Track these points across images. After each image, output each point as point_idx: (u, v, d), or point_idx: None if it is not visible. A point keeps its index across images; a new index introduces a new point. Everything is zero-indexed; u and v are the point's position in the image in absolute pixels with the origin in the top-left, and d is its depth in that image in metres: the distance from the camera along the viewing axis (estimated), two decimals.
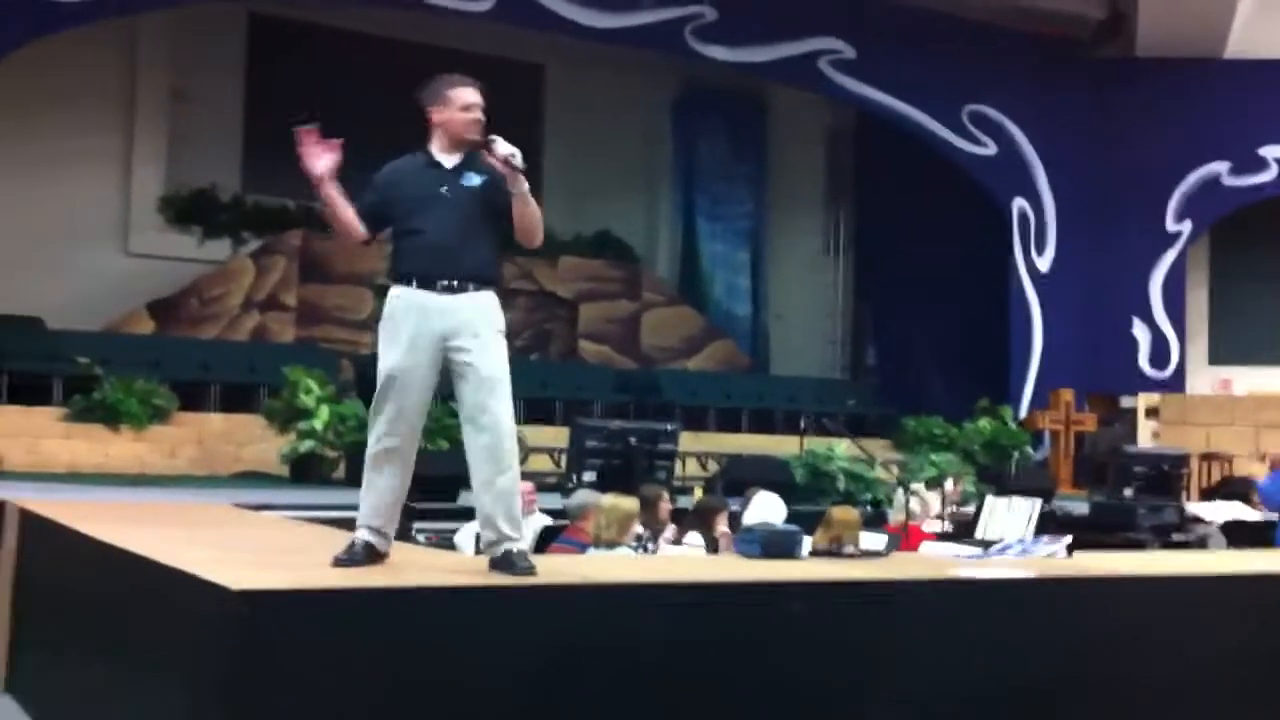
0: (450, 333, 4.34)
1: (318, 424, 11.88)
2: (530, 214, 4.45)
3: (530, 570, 4.25)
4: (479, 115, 4.47)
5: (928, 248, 18.67)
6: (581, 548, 6.75)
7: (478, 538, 7.75)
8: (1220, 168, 18.05)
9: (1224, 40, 17.82)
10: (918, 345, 18.57)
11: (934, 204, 18.46)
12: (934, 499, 9.40)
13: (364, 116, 17.26)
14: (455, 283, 4.36)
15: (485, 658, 3.90)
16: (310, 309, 16.52)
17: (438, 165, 4.48)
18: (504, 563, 4.29)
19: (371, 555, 4.38)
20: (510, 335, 4.60)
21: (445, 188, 4.42)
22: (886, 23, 17.30)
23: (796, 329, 21.07)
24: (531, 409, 15.29)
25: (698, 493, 9.95)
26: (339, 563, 4.32)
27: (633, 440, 9.66)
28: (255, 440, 13.17)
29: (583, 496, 7.22)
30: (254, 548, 5.42)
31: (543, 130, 19.89)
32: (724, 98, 20.33)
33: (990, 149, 18.01)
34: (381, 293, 4.67)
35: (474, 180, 4.44)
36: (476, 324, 4.36)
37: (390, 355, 4.35)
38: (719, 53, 16.64)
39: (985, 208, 18.12)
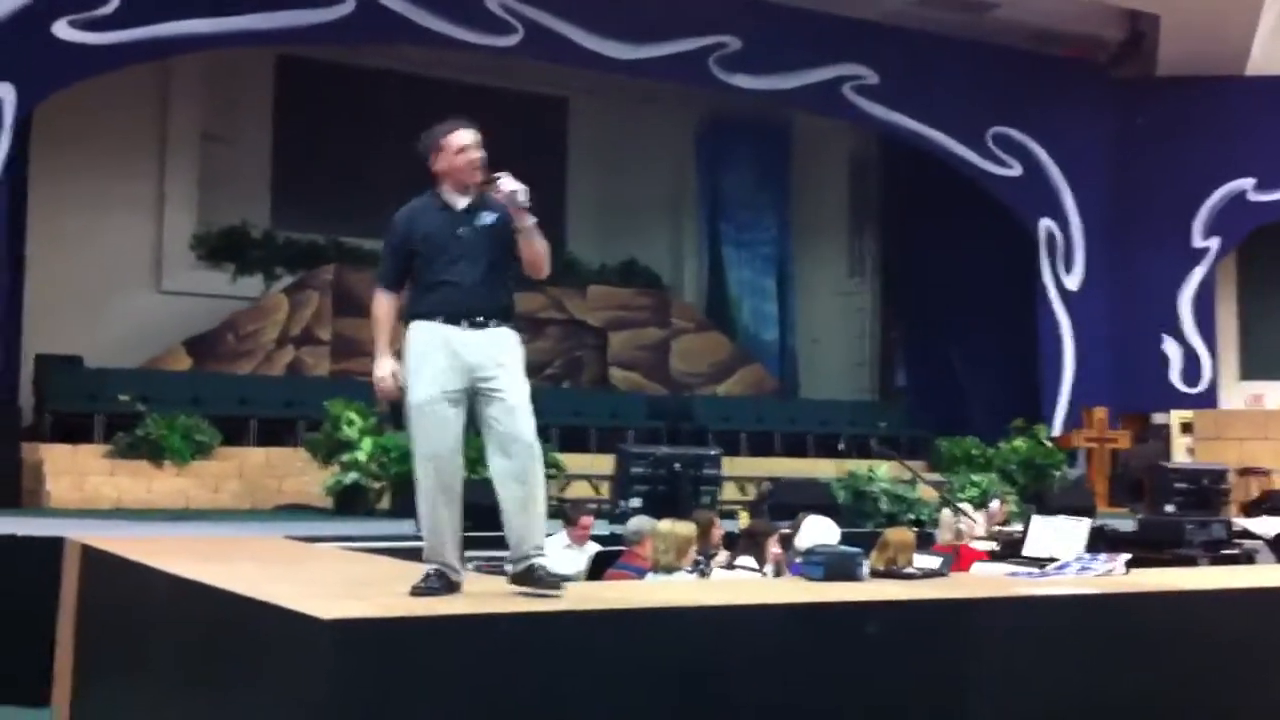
0: (478, 365, 4.48)
1: (361, 455, 11.97)
2: (537, 248, 4.59)
3: (555, 586, 4.35)
4: (476, 155, 4.59)
5: (955, 269, 18.75)
6: (639, 573, 6.80)
7: None
8: (1245, 184, 18.11)
9: (1245, 57, 17.89)
10: (948, 366, 18.63)
11: (960, 226, 18.55)
12: (980, 518, 9.43)
13: (391, 153, 17.58)
14: (480, 319, 4.51)
15: (570, 682, 3.96)
16: (344, 342, 16.65)
17: (451, 209, 4.61)
18: (530, 577, 4.38)
19: (447, 584, 4.47)
20: (541, 364, 4.81)
21: (461, 229, 4.56)
22: (909, 48, 17.44)
23: (825, 352, 21.15)
24: (566, 437, 15.41)
25: (743, 516, 10.00)
26: (418, 592, 4.40)
27: (677, 466, 9.74)
28: (296, 473, 13.30)
29: (638, 522, 7.29)
30: (328, 578, 5.48)
31: (568, 162, 20.08)
32: (748, 125, 20.47)
33: (1015, 170, 18.09)
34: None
35: (488, 219, 4.58)
36: (502, 356, 4.52)
37: (420, 389, 4.46)
38: (743, 81, 16.75)
39: (1011, 228, 18.19)
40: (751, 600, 4.65)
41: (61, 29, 12.96)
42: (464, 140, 4.58)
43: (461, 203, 4.61)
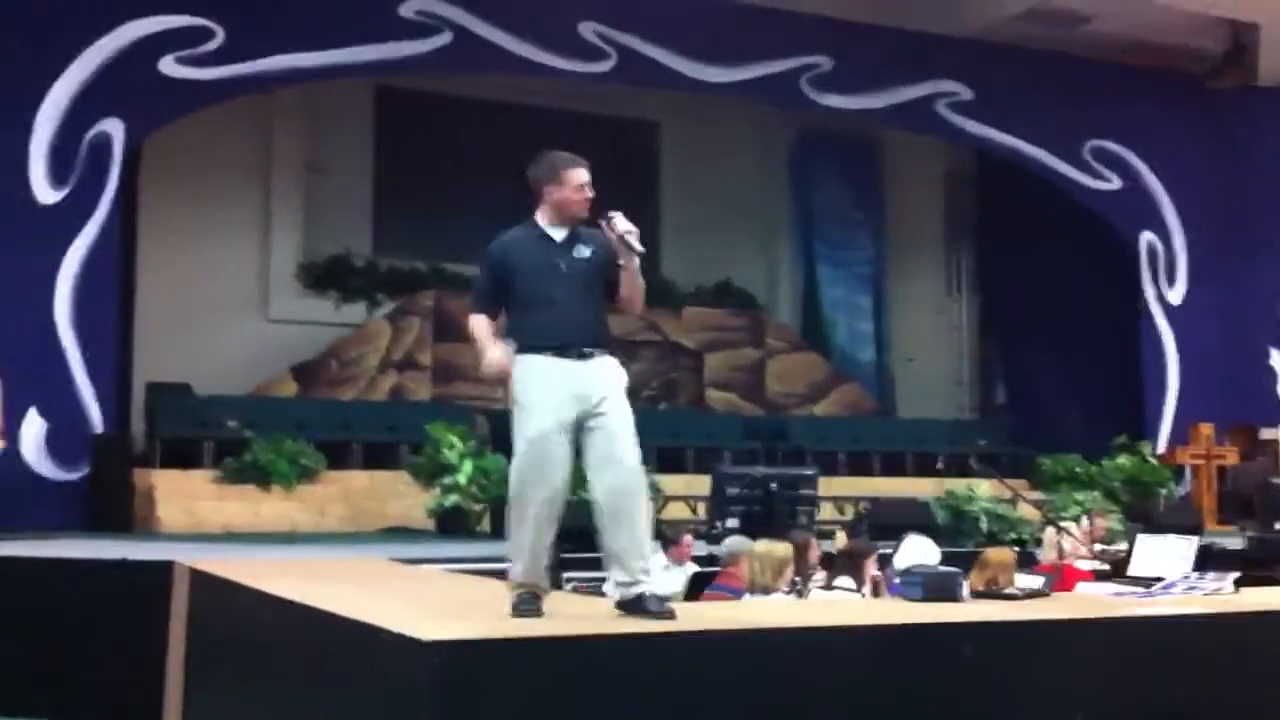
0: (588, 396, 4.57)
1: (462, 478, 12.14)
2: (638, 286, 4.73)
3: (667, 613, 4.40)
4: (589, 195, 4.73)
5: (1054, 284, 18.52)
6: (735, 594, 6.84)
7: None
8: None
9: None
10: (1048, 383, 18.39)
11: (1058, 240, 18.33)
12: (1083, 536, 9.33)
13: (488, 179, 17.88)
14: (587, 350, 4.62)
15: (668, 703, 3.99)
16: (445, 367, 16.88)
17: (550, 240, 4.72)
18: (638, 605, 4.44)
19: (540, 607, 4.55)
20: (638, 386, 4.89)
21: (562, 263, 4.67)
22: (1003, 63, 17.32)
23: (923, 371, 20.98)
24: (663, 458, 15.45)
25: (840, 537, 9.99)
26: (520, 614, 4.48)
27: (774, 486, 9.81)
28: (399, 496, 13.49)
29: (734, 543, 7.35)
30: (429, 600, 5.59)
31: (660, 185, 20.19)
32: (840, 143, 20.43)
33: (1114, 184, 17.87)
34: None
35: (585, 252, 4.69)
36: (608, 385, 4.62)
37: (535, 421, 4.54)
38: (835, 101, 16.75)
39: (1111, 242, 17.96)
40: (848, 621, 4.66)
41: (168, 65, 13.33)
42: (584, 178, 4.72)
43: (560, 235, 4.71)
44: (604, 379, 4.62)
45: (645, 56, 15.63)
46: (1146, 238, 17.94)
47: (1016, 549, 9.83)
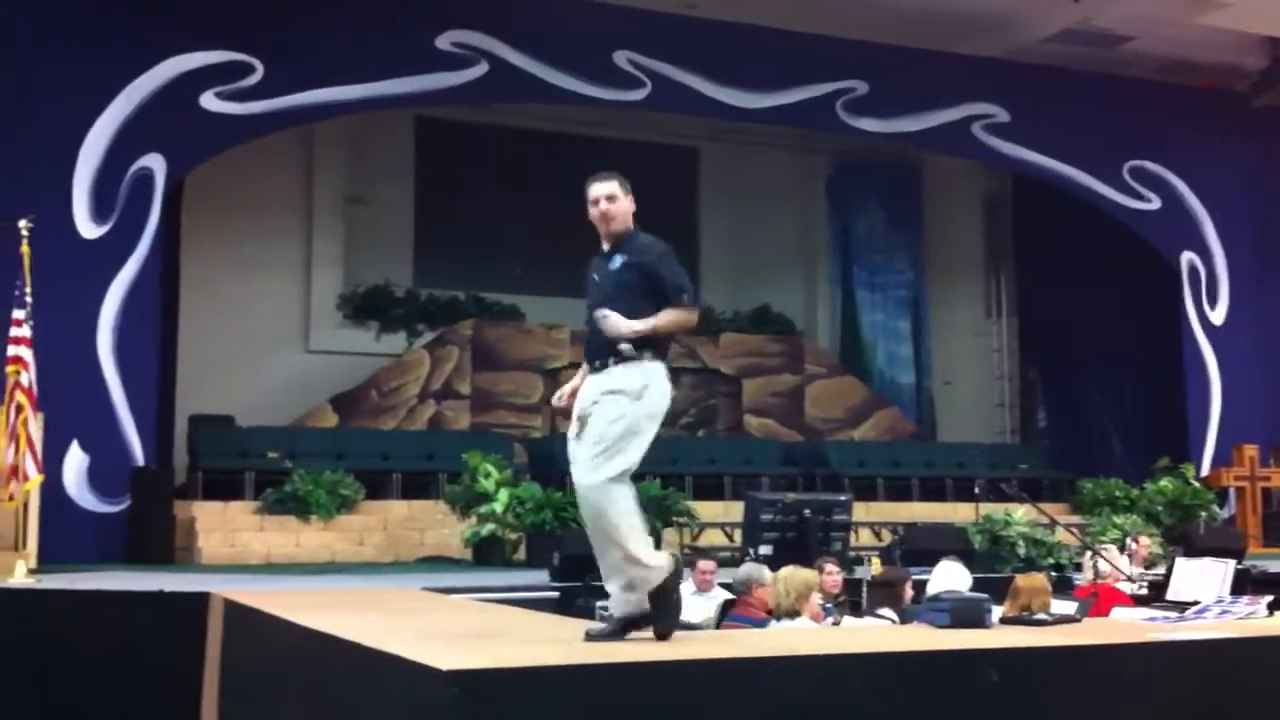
0: (583, 408, 4.70)
1: (497, 507, 12.18)
2: (675, 326, 4.75)
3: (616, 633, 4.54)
4: (594, 211, 4.82)
5: (1094, 306, 18.42)
6: (753, 624, 6.77)
7: None
8: None
9: None
10: (1090, 406, 18.24)
11: (1098, 262, 18.23)
12: (1123, 561, 9.25)
13: (526, 208, 17.98)
14: (601, 362, 4.68)
15: None
16: (484, 396, 16.96)
17: (600, 253, 4.89)
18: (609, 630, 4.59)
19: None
20: (676, 413, 4.88)
21: (596, 274, 4.84)
22: (1039, 85, 17.27)
23: (963, 394, 20.88)
24: (700, 485, 15.47)
25: (875, 563, 9.93)
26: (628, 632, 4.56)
27: (807, 512, 9.77)
28: (437, 525, 13.58)
29: (747, 571, 7.25)
30: (453, 629, 5.61)
31: (699, 211, 20.25)
32: (878, 168, 20.45)
33: (1154, 204, 17.75)
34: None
35: (616, 263, 4.80)
36: (596, 394, 4.70)
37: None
38: (871, 125, 16.75)
39: (1152, 263, 17.83)
40: (870, 648, 4.64)
41: (209, 100, 13.53)
42: (591, 194, 4.84)
43: (606, 247, 4.87)
44: (595, 389, 4.65)
45: (679, 84, 15.71)
46: (1188, 257, 17.80)
47: (1053, 574, 9.77)
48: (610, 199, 4.79)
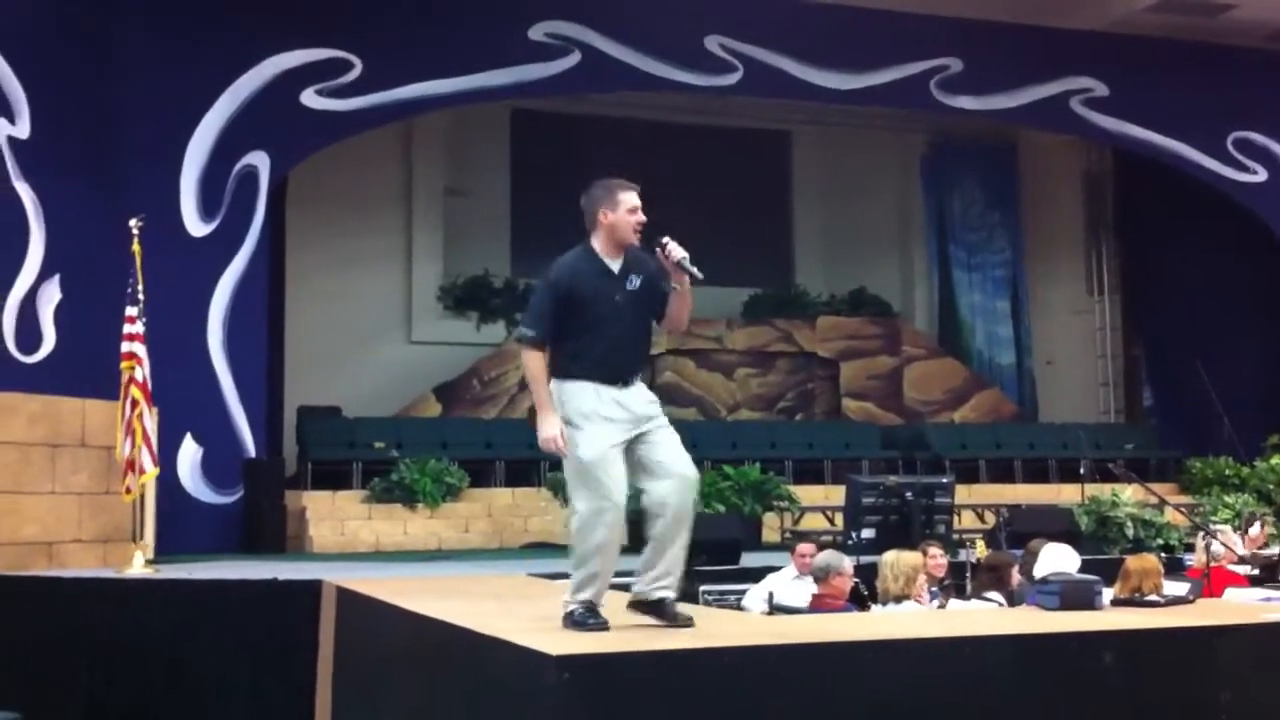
0: (637, 416, 4.76)
1: None
2: (687, 307, 4.89)
3: (689, 622, 4.68)
4: (642, 218, 4.83)
5: (1199, 280, 18.06)
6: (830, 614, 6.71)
7: (770, 596, 7.93)
8: None
9: None
10: (1197, 383, 17.87)
11: (1202, 235, 17.86)
12: (1236, 541, 9.09)
13: None
14: (633, 378, 4.81)
15: (793, 715, 4.05)
16: None
17: (609, 272, 4.84)
18: (659, 608, 4.76)
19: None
20: (773, 398, 4.94)
21: (618, 295, 4.81)
22: (1138, 56, 16.92)
23: (1065, 374, 20.56)
24: (799, 469, 15.46)
25: (980, 546, 9.87)
26: (587, 627, 4.62)
27: (909, 495, 9.72)
28: (539, 512, 13.77)
29: (826, 559, 7.19)
30: (561, 615, 5.69)
31: (792, 195, 20.15)
32: (973, 146, 20.21)
33: (1260, 175, 17.34)
34: None
35: (635, 284, 4.84)
36: (654, 404, 4.85)
37: (594, 445, 4.70)
38: (967, 103, 16.56)
39: (1257, 235, 17.39)
40: (979, 631, 4.65)
41: (309, 98, 13.77)
42: (635, 201, 4.84)
43: (615, 265, 4.84)
44: (649, 399, 4.82)
45: (771, 67, 15.65)
46: None
47: (1163, 555, 9.63)
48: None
